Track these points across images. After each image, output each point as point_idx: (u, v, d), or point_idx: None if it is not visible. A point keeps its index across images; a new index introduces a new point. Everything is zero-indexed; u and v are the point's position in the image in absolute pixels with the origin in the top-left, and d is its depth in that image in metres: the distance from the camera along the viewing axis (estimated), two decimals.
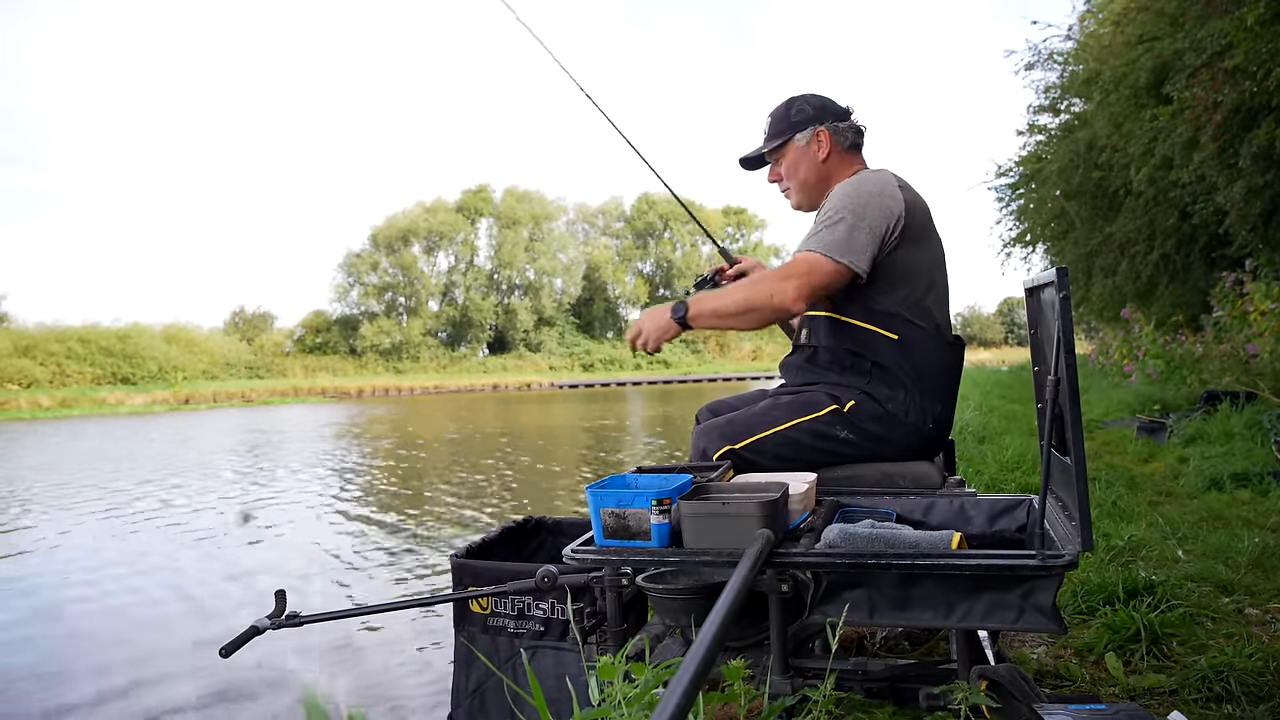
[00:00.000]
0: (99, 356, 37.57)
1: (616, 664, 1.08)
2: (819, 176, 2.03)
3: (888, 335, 1.84)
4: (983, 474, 4.48)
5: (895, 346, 1.84)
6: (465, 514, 6.70)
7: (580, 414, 19.86)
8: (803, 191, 2.06)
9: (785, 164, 2.06)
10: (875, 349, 1.85)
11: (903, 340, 1.84)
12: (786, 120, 2.03)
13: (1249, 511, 3.41)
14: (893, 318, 1.84)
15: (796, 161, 2.03)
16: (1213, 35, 6.97)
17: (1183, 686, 1.76)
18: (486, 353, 54.37)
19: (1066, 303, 1.24)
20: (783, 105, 2.06)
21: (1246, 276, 7.78)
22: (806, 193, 2.06)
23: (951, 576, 1.30)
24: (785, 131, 2.04)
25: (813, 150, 2.02)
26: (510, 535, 2.23)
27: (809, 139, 2.01)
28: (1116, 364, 11.32)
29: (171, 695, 3.07)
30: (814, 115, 2.02)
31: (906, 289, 1.84)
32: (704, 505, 1.40)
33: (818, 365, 1.94)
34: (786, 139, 2.03)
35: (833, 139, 2.01)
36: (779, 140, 2.04)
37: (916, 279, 1.85)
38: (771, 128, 2.07)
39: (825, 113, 2.03)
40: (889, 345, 1.84)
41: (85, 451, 13.66)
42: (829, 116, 2.02)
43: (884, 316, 1.84)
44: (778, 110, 2.07)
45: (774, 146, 2.05)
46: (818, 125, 2.01)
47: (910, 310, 1.84)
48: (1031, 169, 13.52)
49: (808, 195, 2.06)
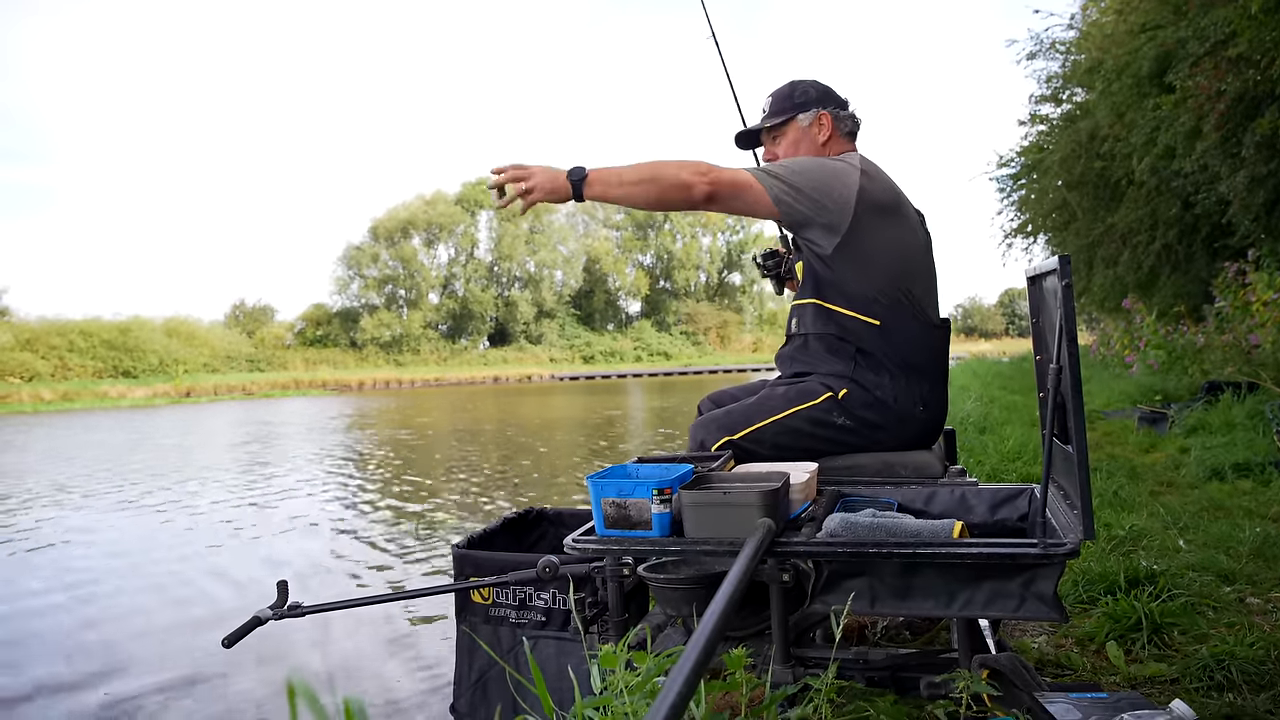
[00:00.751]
0: (100, 350, 37.63)
1: (618, 653, 1.08)
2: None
3: (869, 321, 1.84)
4: (983, 464, 4.48)
5: (878, 332, 1.84)
6: (467, 505, 6.71)
7: (581, 406, 19.87)
8: None
9: (785, 142, 2.04)
10: (859, 335, 1.85)
11: (885, 326, 1.84)
12: (791, 100, 2.03)
13: (1250, 501, 3.41)
14: (873, 303, 1.84)
15: (797, 140, 2.02)
16: (1216, 23, 6.94)
17: (1184, 675, 1.77)
18: (487, 345, 54.41)
19: (1069, 290, 1.24)
20: (786, 86, 2.06)
21: (1249, 266, 7.76)
22: None
23: (953, 565, 1.29)
24: (789, 110, 2.03)
25: (813, 132, 2.01)
26: (512, 526, 2.24)
27: (812, 120, 2.01)
28: (1118, 354, 11.31)
29: (173, 684, 3.08)
30: (817, 99, 2.02)
31: (881, 272, 1.84)
32: (705, 495, 1.40)
33: (809, 354, 1.93)
34: (790, 117, 2.02)
35: (834, 123, 2.01)
36: (782, 118, 2.03)
37: (890, 260, 1.86)
38: (774, 105, 2.06)
39: (828, 98, 2.03)
40: (871, 331, 1.84)
41: (96, 443, 13.69)
42: (831, 102, 2.03)
43: (864, 302, 1.84)
44: (781, 90, 2.07)
45: (776, 124, 2.04)
46: (820, 108, 2.01)
47: (889, 295, 1.84)
48: (1033, 159, 13.46)
49: None
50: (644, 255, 61.15)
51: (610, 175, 1.80)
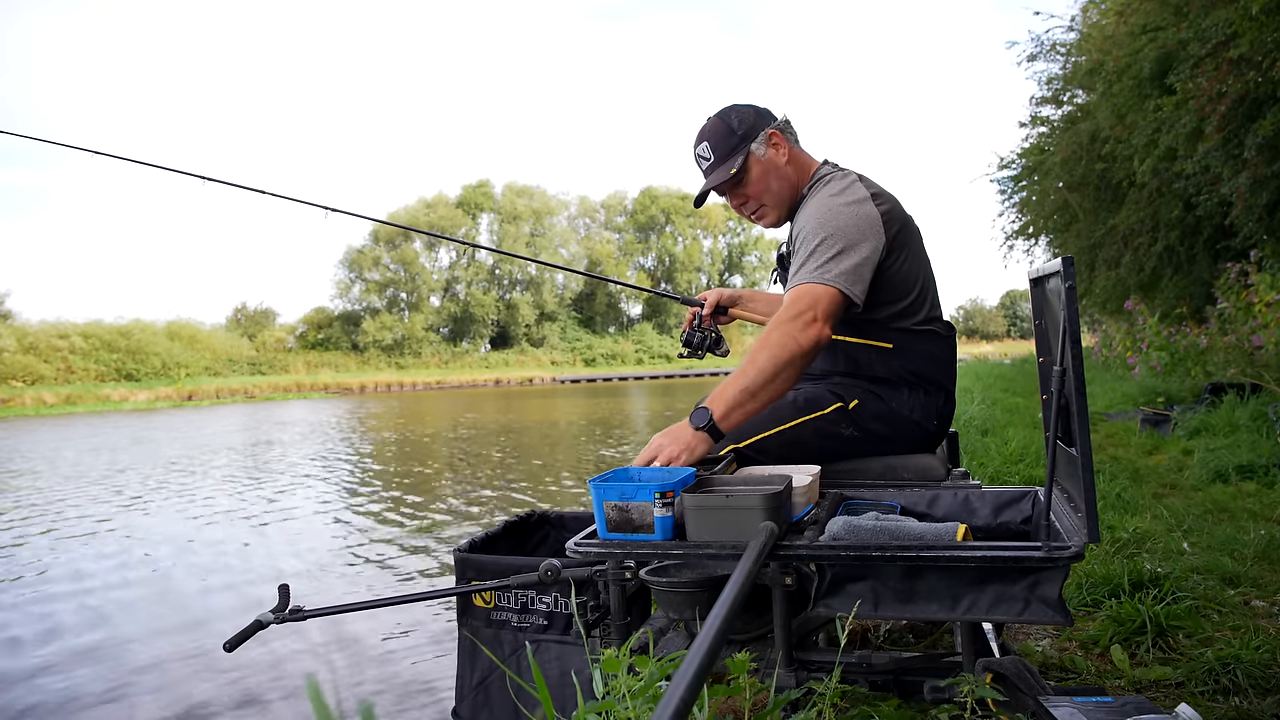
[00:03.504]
0: (102, 353, 37.70)
1: (621, 657, 1.08)
2: (789, 184, 1.87)
3: (881, 345, 1.79)
4: (986, 467, 4.47)
5: (891, 355, 1.79)
6: (468, 508, 6.70)
7: (582, 409, 19.86)
8: (780, 206, 1.89)
9: (752, 181, 1.85)
10: (870, 364, 1.80)
11: (898, 347, 1.79)
12: (734, 134, 1.83)
13: (1254, 504, 3.40)
14: (885, 328, 1.78)
15: (764, 174, 1.84)
16: (1217, 24, 6.93)
17: (1189, 679, 1.76)
18: (488, 348, 54.43)
19: (1072, 292, 1.23)
20: (716, 123, 1.86)
21: (1251, 268, 7.75)
22: (783, 206, 1.90)
23: (957, 569, 1.29)
24: (739, 146, 1.83)
25: (771, 156, 1.84)
26: (513, 529, 2.23)
27: (765, 144, 1.84)
28: (1120, 356, 11.30)
29: (176, 690, 3.07)
30: (756, 119, 1.85)
31: (897, 299, 1.78)
32: (708, 498, 1.39)
33: (811, 369, 1.87)
34: (745, 153, 1.83)
35: (785, 138, 1.86)
36: (738, 158, 1.82)
37: (909, 286, 1.79)
38: (718, 150, 1.84)
39: (762, 116, 1.86)
40: (883, 356, 1.79)
41: (98, 447, 13.70)
42: (769, 118, 1.87)
43: (877, 328, 1.78)
44: (714, 131, 1.85)
45: (737, 166, 1.82)
46: (766, 128, 1.84)
47: (903, 316, 1.79)
48: (1034, 161, 13.47)
49: (784, 208, 1.90)
50: (645, 258, 61.16)
51: (732, 396, 1.58)
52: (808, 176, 1.89)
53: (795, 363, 1.59)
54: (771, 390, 1.59)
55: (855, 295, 1.67)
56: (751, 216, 1.94)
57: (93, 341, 37.79)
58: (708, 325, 2.23)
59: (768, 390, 1.59)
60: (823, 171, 1.88)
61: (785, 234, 2.02)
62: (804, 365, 1.62)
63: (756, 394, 1.58)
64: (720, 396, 1.59)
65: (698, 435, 1.58)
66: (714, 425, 1.58)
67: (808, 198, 1.84)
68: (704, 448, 1.59)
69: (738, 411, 1.58)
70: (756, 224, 1.96)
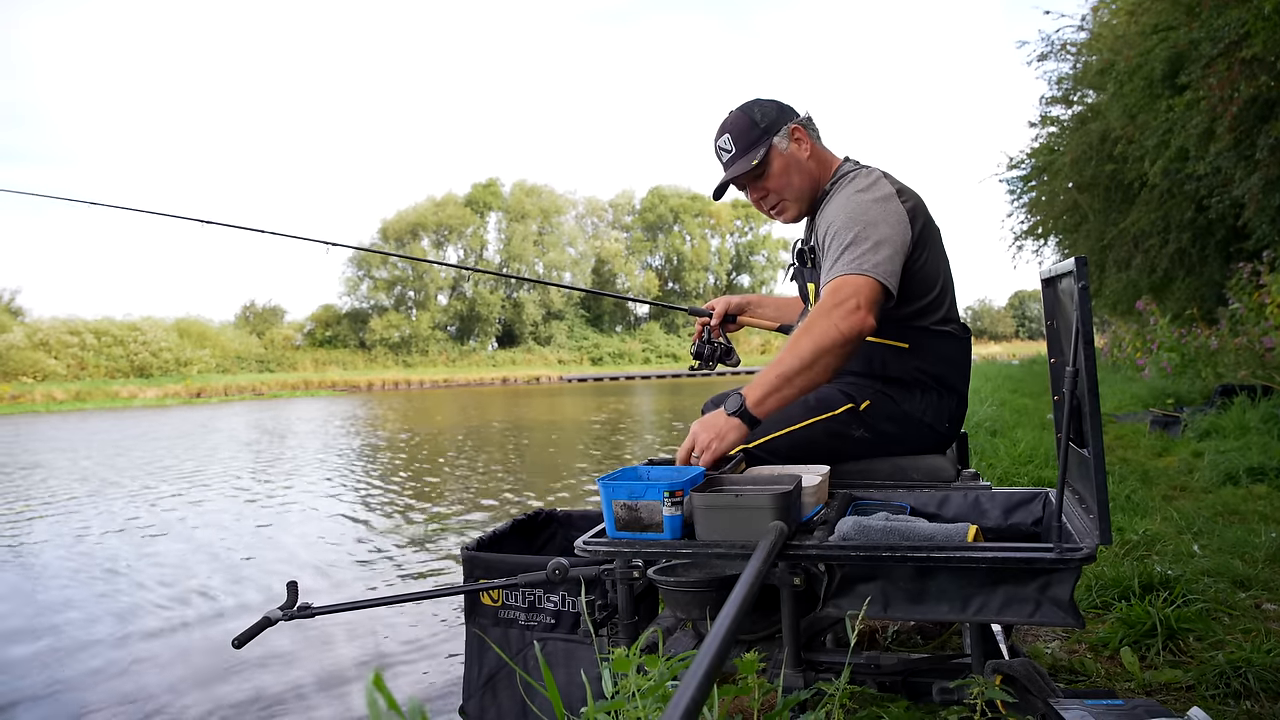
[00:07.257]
0: (112, 350, 37.91)
1: (631, 656, 1.07)
2: (811, 179, 1.85)
3: (898, 345, 1.77)
4: (995, 467, 4.45)
5: (908, 354, 1.78)
6: (476, 506, 6.71)
7: (590, 407, 19.87)
8: (800, 201, 1.87)
9: (774, 175, 1.83)
10: (885, 364, 1.79)
11: (914, 347, 1.78)
12: (757, 127, 1.82)
13: (1265, 506, 3.38)
14: (903, 326, 1.77)
15: (785, 168, 1.83)
16: (1229, 24, 6.89)
17: (1200, 682, 1.75)
18: (495, 346, 54.52)
19: (1085, 293, 1.22)
20: (739, 116, 1.85)
21: (1264, 269, 7.70)
22: (803, 201, 1.88)
23: (967, 570, 1.28)
24: (762, 139, 1.81)
25: (794, 150, 1.83)
26: (521, 528, 2.23)
27: (787, 139, 1.83)
28: (1130, 357, 11.24)
29: (185, 686, 3.09)
30: (778, 114, 1.84)
31: (918, 297, 1.76)
32: (717, 497, 1.39)
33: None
34: (767, 146, 1.81)
35: (807, 133, 1.84)
36: (760, 150, 1.80)
37: (930, 284, 1.77)
38: (739, 142, 1.83)
39: (785, 111, 1.86)
40: (898, 355, 1.78)
41: (105, 445, 13.77)
42: (792, 113, 1.86)
43: (895, 326, 1.76)
44: (737, 124, 1.84)
45: (759, 158, 1.80)
46: (788, 122, 1.83)
47: (922, 315, 1.77)
48: (1044, 161, 13.40)
49: (804, 203, 1.88)
50: (653, 257, 61.17)
51: (768, 381, 1.56)
52: (829, 173, 1.87)
53: (835, 350, 1.56)
54: (808, 377, 1.57)
55: (893, 287, 1.64)
56: (770, 211, 1.91)
57: (103, 338, 38.03)
58: (717, 336, 2.23)
59: (804, 376, 1.56)
60: (846, 168, 1.87)
61: (801, 230, 2.00)
62: (845, 355, 1.59)
63: (793, 379, 1.56)
64: (756, 383, 1.58)
65: (730, 422, 1.57)
66: (747, 411, 1.57)
67: (831, 194, 1.83)
68: (736, 434, 1.57)
69: (773, 397, 1.57)
70: (775, 219, 1.94)
